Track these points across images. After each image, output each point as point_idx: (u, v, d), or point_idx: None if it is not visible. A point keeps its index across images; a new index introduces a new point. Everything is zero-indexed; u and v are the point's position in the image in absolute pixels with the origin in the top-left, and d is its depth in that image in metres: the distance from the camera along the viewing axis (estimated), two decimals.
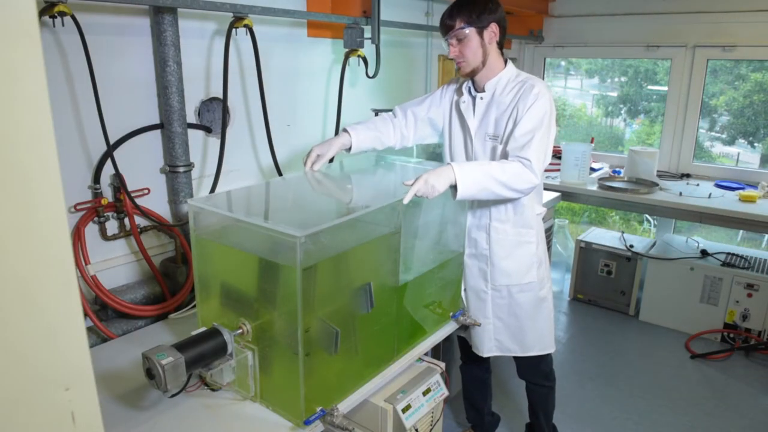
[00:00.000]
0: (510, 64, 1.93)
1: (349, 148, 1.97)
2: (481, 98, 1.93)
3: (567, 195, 3.65)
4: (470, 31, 1.81)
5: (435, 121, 2.08)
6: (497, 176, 1.71)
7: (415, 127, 2.07)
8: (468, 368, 2.40)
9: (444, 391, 1.81)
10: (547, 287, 2.09)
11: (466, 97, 1.97)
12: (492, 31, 1.83)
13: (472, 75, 1.91)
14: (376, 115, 2.41)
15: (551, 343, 2.12)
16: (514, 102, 1.84)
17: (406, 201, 1.59)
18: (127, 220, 1.94)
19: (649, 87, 4.56)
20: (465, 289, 2.10)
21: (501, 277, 2.01)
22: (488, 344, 2.10)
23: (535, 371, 2.20)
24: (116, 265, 1.94)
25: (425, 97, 2.11)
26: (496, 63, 1.89)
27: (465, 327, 2.08)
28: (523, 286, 2.02)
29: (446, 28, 1.85)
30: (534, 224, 2.00)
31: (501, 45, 1.89)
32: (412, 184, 1.61)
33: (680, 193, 3.41)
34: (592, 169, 3.91)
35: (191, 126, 2.07)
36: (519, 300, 2.03)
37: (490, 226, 1.99)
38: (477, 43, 1.83)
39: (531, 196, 1.95)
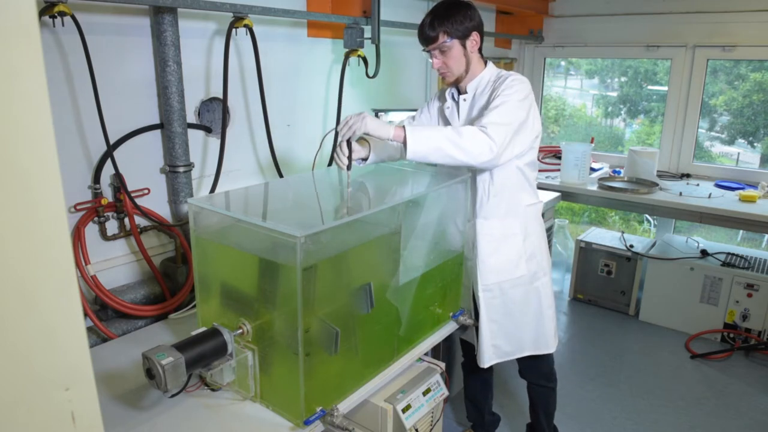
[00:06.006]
0: (490, 64, 1.94)
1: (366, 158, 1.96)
2: (464, 100, 1.95)
3: (567, 195, 3.65)
4: (452, 43, 1.81)
5: None
6: (451, 137, 1.68)
7: None
8: (470, 367, 2.40)
9: (444, 391, 1.81)
10: (542, 281, 2.02)
11: (449, 102, 1.99)
12: (474, 39, 1.85)
13: (456, 83, 1.94)
14: (376, 115, 2.41)
15: (550, 343, 2.08)
16: (493, 95, 1.84)
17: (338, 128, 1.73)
18: (127, 220, 1.94)
19: (649, 87, 4.56)
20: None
21: (490, 274, 1.98)
22: (487, 352, 2.06)
23: (536, 371, 2.19)
24: (116, 265, 1.94)
25: (419, 111, 2.13)
26: (477, 67, 1.91)
27: (464, 327, 2.08)
28: (514, 281, 1.99)
29: (428, 40, 1.83)
30: (520, 215, 1.96)
31: (480, 49, 1.91)
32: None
33: (680, 193, 3.41)
34: (592, 169, 3.90)
35: (191, 126, 2.07)
36: (512, 296, 2.00)
37: (476, 223, 1.98)
38: (460, 53, 1.84)
39: (516, 186, 1.93)
